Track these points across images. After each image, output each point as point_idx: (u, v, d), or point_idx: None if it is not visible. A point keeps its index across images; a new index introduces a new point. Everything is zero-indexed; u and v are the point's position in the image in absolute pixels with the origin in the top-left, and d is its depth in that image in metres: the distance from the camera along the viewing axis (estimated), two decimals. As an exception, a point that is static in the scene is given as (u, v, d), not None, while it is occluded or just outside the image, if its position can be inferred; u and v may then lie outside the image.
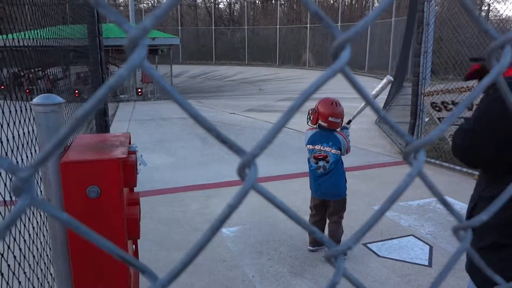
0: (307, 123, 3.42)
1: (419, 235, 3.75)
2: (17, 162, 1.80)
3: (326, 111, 3.27)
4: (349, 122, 3.53)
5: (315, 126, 3.38)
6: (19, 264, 1.79)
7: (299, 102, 0.30)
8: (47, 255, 2.09)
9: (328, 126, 3.30)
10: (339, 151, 3.32)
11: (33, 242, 1.99)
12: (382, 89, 3.61)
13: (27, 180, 0.24)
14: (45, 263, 2.12)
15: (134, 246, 2.03)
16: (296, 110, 0.30)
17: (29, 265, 1.92)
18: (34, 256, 1.99)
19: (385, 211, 0.36)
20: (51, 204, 0.25)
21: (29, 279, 1.90)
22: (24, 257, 1.85)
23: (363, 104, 3.45)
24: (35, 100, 1.44)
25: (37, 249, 2.04)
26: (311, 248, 3.45)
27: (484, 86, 0.35)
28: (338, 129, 3.38)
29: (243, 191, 0.29)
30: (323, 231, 3.43)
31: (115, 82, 0.24)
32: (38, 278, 2.00)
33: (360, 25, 0.30)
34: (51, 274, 2.09)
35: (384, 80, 3.63)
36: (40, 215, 2.09)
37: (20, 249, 1.81)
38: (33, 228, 1.97)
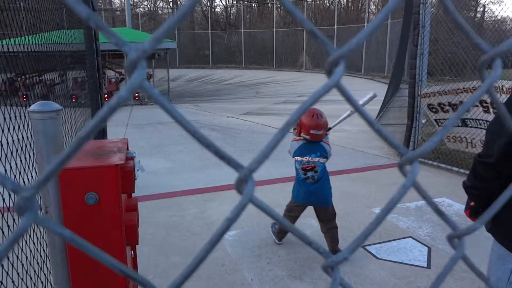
0: (293, 133, 3.40)
1: (418, 236, 3.76)
2: (11, 167, 1.80)
3: (308, 124, 3.22)
4: (329, 129, 3.45)
5: (300, 137, 3.35)
6: (17, 273, 1.78)
7: (294, 118, 0.31)
8: (47, 265, 2.09)
9: (311, 138, 3.27)
10: (325, 159, 3.34)
11: (37, 250, 1.99)
12: (365, 103, 3.58)
13: (29, 199, 0.24)
14: (45, 274, 2.11)
15: (132, 252, 2.02)
16: (291, 126, 0.31)
17: (30, 278, 1.92)
18: (37, 263, 1.99)
19: (380, 222, 0.36)
20: (54, 221, 0.25)
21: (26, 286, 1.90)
22: (23, 264, 1.85)
23: (348, 112, 3.45)
24: (33, 107, 1.44)
25: (41, 256, 2.04)
26: None
27: (477, 99, 0.36)
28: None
29: (241, 205, 0.30)
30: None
31: (116, 103, 0.25)
32: None
33: (354, 42, 0.31)
34: (51, 285, 2.09)
35: (370, 95, 3.61)
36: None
37: (22, 264, 1.81)
38: (37, 238, 1.98)
